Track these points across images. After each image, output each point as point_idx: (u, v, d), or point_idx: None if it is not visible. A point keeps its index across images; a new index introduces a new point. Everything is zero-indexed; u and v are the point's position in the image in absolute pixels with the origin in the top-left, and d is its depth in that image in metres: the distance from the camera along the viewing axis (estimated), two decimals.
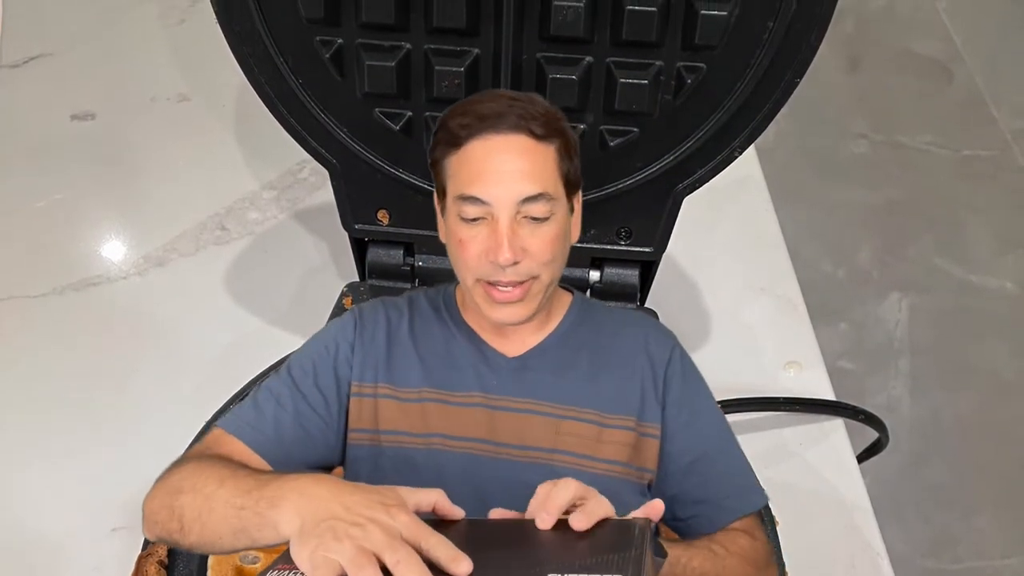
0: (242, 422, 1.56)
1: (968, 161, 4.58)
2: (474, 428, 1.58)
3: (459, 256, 1.54)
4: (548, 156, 1.52)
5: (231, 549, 1.31)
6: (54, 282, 2.45)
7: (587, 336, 1.70)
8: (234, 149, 2.81)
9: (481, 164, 1.50)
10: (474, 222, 1.51)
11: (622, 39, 1.76)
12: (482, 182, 1.49)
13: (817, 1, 1.67)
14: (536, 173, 1.50)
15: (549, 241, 1.51)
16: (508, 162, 1.49)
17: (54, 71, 3.02)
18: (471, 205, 1.50)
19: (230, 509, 1.27)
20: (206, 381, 2.19)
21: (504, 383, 1.63)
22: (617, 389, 1.64)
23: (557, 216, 1.53)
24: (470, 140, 1.50)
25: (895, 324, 3.92)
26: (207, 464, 1.40)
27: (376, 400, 1.61)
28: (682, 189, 1.94)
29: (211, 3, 1.78)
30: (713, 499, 1.63)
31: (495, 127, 1.50)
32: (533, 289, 1.54)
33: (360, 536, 1.08)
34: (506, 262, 1.47)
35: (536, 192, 1.48)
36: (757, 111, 1.82)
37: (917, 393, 3.70)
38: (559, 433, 1.59)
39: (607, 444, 1.59)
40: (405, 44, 1.82)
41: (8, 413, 2.19)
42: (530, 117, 1.51)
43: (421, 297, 1.76)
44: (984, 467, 3.51)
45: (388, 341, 1.66)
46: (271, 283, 2.47)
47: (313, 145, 1.95)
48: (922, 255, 4.15)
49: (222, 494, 1.30)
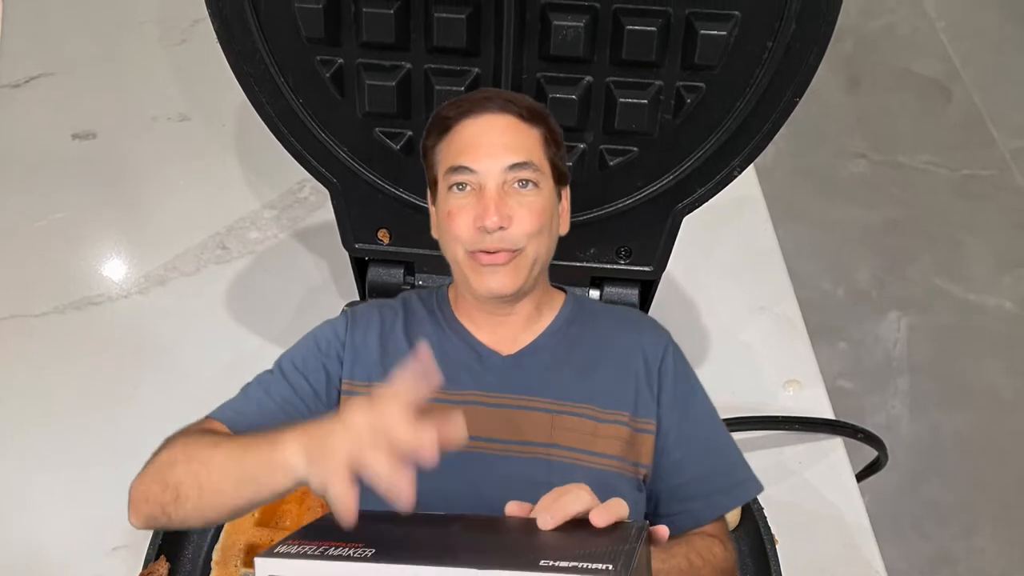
0: (227, 408, 1.61)
1: (967, 180, 4.58)
2: (470, 426, 1.58)
3: (448, 229, 1.58)
4: (533, 135, 1.58)
5: (233, 505, 1.33)
6: (55, 301, 2.46)
7: (581, 333, 1.71)
8: (235, 168, 2.81)
9: (469, 138, 1.56)
10: (463, 193, 1.56)
11: (622, 59, 1.76)
12: (470, 152, 1.54)
13: (816, 21, 1.68)
14: (521, 145, 1.56)
15: (536, 212, 1.55)
16: (495, 136, 1.55)
17: (55, 90, 3.03)
18: (460, 174, 1.55)
19: (230, 462, 1.32)
20: (207, 400, 2.17)
21: (499, 380, 1.64)
22: (612, 385, 1.65)
23: (543, 190, 1.57)
24: (459, 121, 1.57)
25: (894, 343, 3.93)
26: (195, 437, 1.45)
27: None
28: (682, 208, 1.95)
29: (212, 23, 1.78)
30: (702, 496, 1.65)
31: (483, 107, 1.57)
32: (519, 261, 1.56)
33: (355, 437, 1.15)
34: (493, 225, 1.50)
35: (522, 160, 1.54)
36: (756, 130, 1.82)
37: (916, 412, 3.70)
38: (555, 428, 1.61)
39: (602, 439, 1.61)
40: (405, 64, 1.83)
41: (9, 431, 2.20)
42: (516, 102, 1.58)
43: (414, 297, 1.78)
44: (983, 485, 3.51)
45: (381, 341, 1.68)
46: (272, 302, 2.48)
47: (313, 164, 1.95)
48: (921, 274, 4.16)
49: (219, 452, 1.35)
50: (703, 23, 1.71)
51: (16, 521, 2.06)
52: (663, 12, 1.71)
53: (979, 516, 3.43)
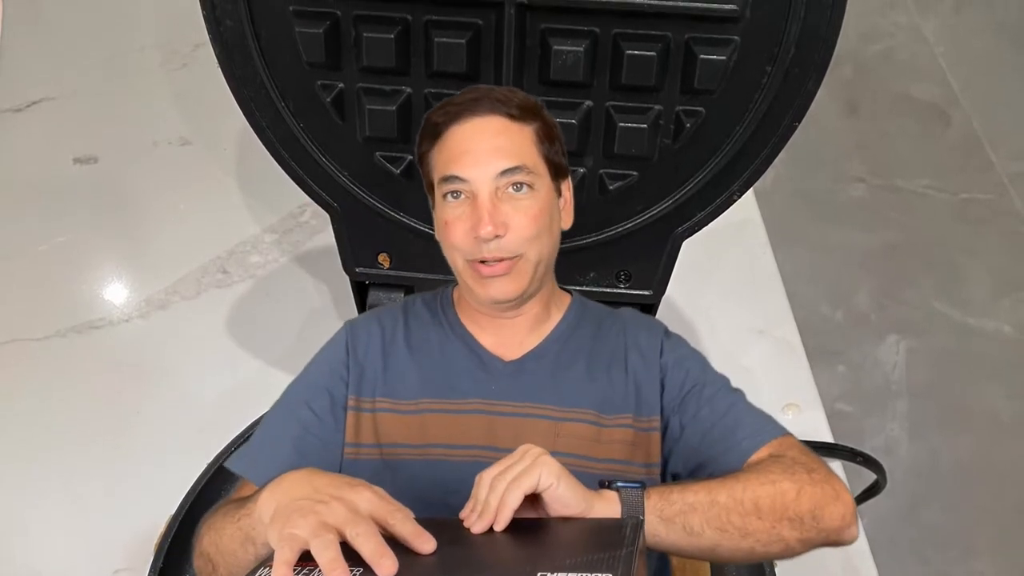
0: (245, 461, 1.60)
1: (966, 204, 4.58)
2: (474, 435, 1.58)
3: (446, 239, 1.58)
4: (525, 135, 1.56)
5: (246, 565, 1.34)
6: (57, 325, 2.46)
7: (584, 338, 1.70)
8: (235, 193, 2.82)
9: (459, 146, 1.54)
10: (457, 202, 1.54)
11: (621, 83, 1.77)
12: (460, 161, 1.53)
13: (815, 46, 1.69)
14: (512, 148, 1.54)
15: (532, 216, 1.53)
16: (484, 141, 1.53)
17: (57, 115, 3.04)
18: (451, 184, 1.54)
19: (231, 525, 1.35)
20: (208, 423, 2.20)
21: (502, 388, 1.63)
22: (613, 389, 1.64)
23: (539, 192, 1.56)
24: (449, 127, 1.56)
25: (893, 366, 3.92)
26: (219, 508, 1.47)
27: (375, 415, 1.62)
28: (681, 232, 1.95)
29: (213, 47, 1.79)
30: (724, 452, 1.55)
31: (472, 111, 1.55)
32: (520, 267, 1.55)
33: (323, 511, 1.13)
34: (488, 235, 1.49)
35: (512, 165, 1.52)
36: (756, 155, 1.83)
37: (915, 435, 3.70)
38: (559, 436, 1.59)
39: (606, 444, 1.60)
40: (406, 88, 1.84)
41: (10, 455, 2.20)
42: (505, 101, 1.56)
43: (418, 300, 1.77)
44: (982, 509, 3.51)
45: (384, 352, 1.68)
46: (272, 326, 2.48)
47: (314, 189, 1.96)
48: (920, 298, 4.16)
49: (227, 519, 1.37)
50: (702, 48, 1.71)
51: (18, 545, 2.06)
52: (663, 37, 1.72)
53: (978, 540, 3.42)
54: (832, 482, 1.43)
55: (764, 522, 1.36)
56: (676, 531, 1.34)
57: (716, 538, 1.35)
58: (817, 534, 1.39)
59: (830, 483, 1.43)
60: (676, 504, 1.34)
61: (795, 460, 1.45)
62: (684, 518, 1.34)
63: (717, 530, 1.34)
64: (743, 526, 1.35)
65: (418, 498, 1.29)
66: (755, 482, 1.39)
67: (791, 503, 1.37)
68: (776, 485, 1.38)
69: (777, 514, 1.36)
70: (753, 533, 1.35)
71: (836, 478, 1.45)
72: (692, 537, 1.34)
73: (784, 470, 1.42)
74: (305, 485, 1.21)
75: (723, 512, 1.35)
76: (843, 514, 1.40)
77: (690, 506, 1.35)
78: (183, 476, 1.95)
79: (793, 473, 1.41)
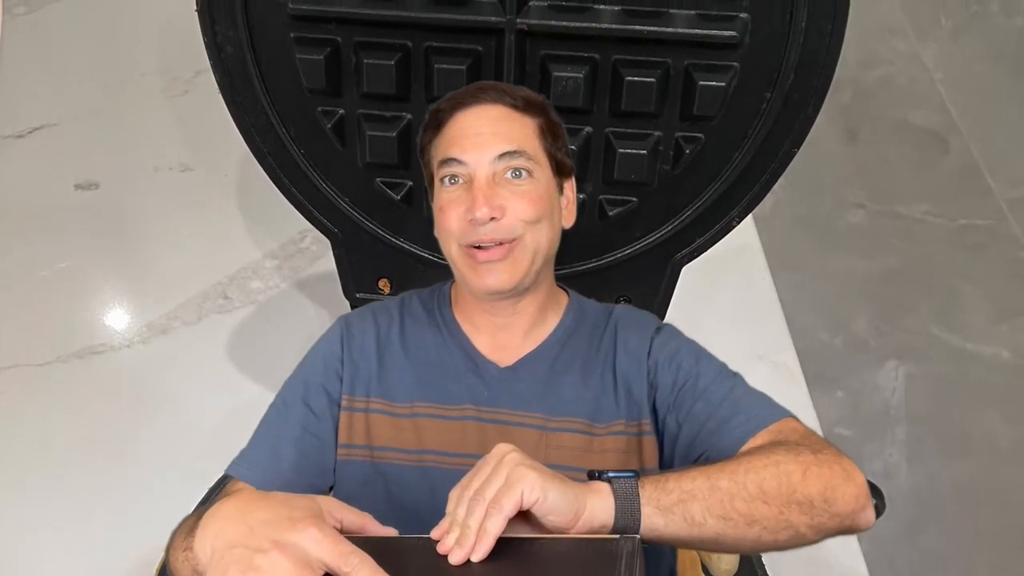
0: (242, 463, 1.57)
1: (964, 230, 4.59)
2: (466, 443, 1.56)
3: (442, 224, 1.55)
4: (527, 125, 1.55)
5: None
6: (58, 350, 2.47)
7: (580, 343, 1.66)
8: (236, 218, 2.82)
9: (460, 131, 1.53)
10: (454, 186, 1.53)
11: (621, 109, 1.78)
12: (459, 144, 1.52)
13: (814, 73, 1.69)
14: (512, 134, 1.52)
15: (532, 199, 1.51)
16: (485, 125, 1.52)
17: (58, 141, 3.05)
18: (449, 167, 1.52)
19: (181, 553, 1.27)
20: (208, 448, 2.20)
21: (495, 394, 1.60)
22: (605, 395, 1.60)
23: (539, 181, 1.54)
24: (452, 114, 1.55)
25: (892, 392, 3.92)
26: (185, 522, 1.39)
27: (368, 415, 1.60)
28: (680, 258, 1.95)
29: (214, 74, 1.80)
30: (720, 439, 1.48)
31: (476, 99, 1.55)
32: (516, 253, 1.52)
33: (264, 567, 1.03)
34: (484, 216, 1.47)
35: (511, 149, 1.51)
36: (755, 181, 1.83)
37: (914, 460, 3.69)
38: (549, 447, 1.57)
39: (597, 453, 1.57)
40: (406, 114, 1.85)
41: (11, 479, 2.20)
42: (510, 93, 1.55)
43: (415, 297, 1.74)
44: (981, 535, 3.50)
45: (379, 351, 1.65)
46: (273, 351, 2.48)
47: (315, 214, 1.96)
48: (919, 323, 4.15)
49: (179, 546, 1.30)
50: (702, 74, 1.72)
51: (20, 567, 2.07)
52: (662, 63, 1.73)
53: (977, 565, 3.41)
54: (842, 462, 1.36)
55: (770, 507, 1.28)
56: (676, 522, 1.24)
57: (719, 527, 1.26)
58: (830, 519, 1.32)
59: (839, 463, 1.36)
60: (673, 492, 1.25)
61: (799, 442, 1.38)
62: (683, 507, 1.25)
63: (720, 518, 1.26)
64: (748, 512, 1.27)
65: (411, 508, 1.28)
66: (757, 464, 1.30)
67: (798, 484, 1.30)
68: (780, 466, 1.30)
69: (784, 498, 1.29)
70: (759, 520, 1.28)
71: (846, 458, 1.37)
72: (694, 528, 1.25)
73: (788, 451, 1.34)
74: (239, 524, 1.08)
75: (725, 498, 1.27)
76: (856, 495, 1.33)
77: (688, 493, 1.26)
78: (182, 500, 1.94)
79: (798, 454, 1.33)
